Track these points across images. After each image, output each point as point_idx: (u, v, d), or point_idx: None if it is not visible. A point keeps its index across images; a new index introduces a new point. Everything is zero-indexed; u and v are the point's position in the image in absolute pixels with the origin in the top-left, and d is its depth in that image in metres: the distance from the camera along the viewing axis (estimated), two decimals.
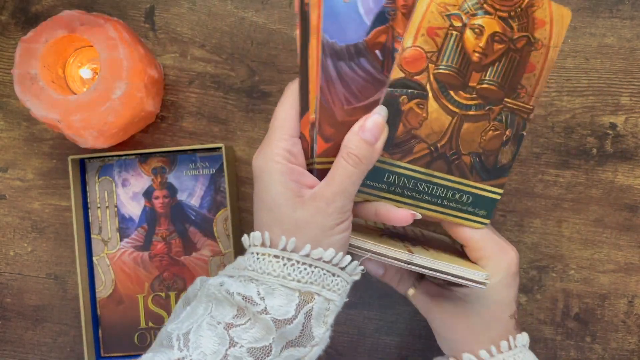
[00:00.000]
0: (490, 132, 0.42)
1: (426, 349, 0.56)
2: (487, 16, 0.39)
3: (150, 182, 0.57)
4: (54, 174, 0.58)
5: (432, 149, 0.41)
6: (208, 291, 0.38)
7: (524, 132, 0.42)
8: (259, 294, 0.37)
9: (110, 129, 0.50)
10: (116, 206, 0.57)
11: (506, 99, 0.41)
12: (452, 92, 0.40)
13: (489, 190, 0.43)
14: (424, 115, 0.40)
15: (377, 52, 0.39)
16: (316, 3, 0.37)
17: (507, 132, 0.42)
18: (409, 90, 0.39)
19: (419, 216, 0.41)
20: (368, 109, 0.39)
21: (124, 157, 0.57)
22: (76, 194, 0.55)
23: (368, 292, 0.56)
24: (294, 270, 0.37)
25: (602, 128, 0.54)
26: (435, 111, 0.40)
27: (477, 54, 0.40)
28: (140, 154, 0.56)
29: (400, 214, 0.40)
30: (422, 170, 0.41)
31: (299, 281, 0.37)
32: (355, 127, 0.38)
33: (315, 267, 0.38)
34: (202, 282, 0.41)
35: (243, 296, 0.37)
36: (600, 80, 0.53)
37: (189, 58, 0.56)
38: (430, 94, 0.40)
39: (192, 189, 0.56)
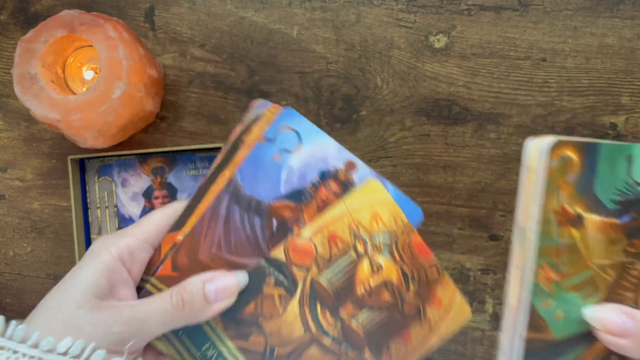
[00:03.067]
0: None
1: None
2: (390, 259, 0.36)
3: (150, 182, 0.56)
4: (54, 174, 0.58)
5: (267, 350, 0.35)
6: None
7: None
8: None
9: (110, 129, 0.50)
10: (116, 206, 0.57)
11: (367, 356, 0.36)
12: (319, 307, 0.36)
13: None
14: (280, 310, 0.35)
15: (275, 221, 0.36)
16: (248, 143, 0.36)
17: None
18: (280, 277, 0.35)
19: None
20: (232, 266, 0.35)
21: (123, 157, 0.57)
22: (76, 194, 0.55)
23: None
24: None
25: (603, 128, 0.54)
26: (292, 314, 0.35)
27: (363, 288, 0.36)
28: (140, 154, 0.56)
29: None
30: None
31: None
32: (208, 274, 0.34)
33: None
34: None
35: None
36: (601, 80, 0.53)
37: (188, 58, 0.56)
38: (297, 295, 0.35)
39: (191, 189, 0.56)
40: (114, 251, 0.33)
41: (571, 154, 0.33)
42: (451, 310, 0.37)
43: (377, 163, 0.55)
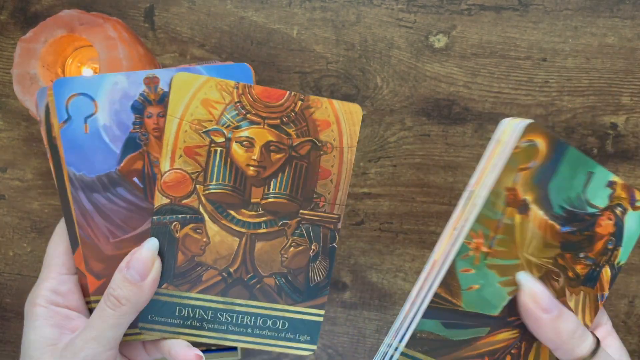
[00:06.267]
0: (292, 248, 0.37)
1: None
2: (254, 126, 0.35)
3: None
4: None
5: (225, 274, 0.36)
6: None
7: (334, 244, 0.37)
8: None
9: None
10: None
11: (302, 211, 0.36)
12: (232, 212, 0.36)
13: (307, 313, 0.38)
14: (205, 239, 0.36)
15: (136, 179, 0.36)
16: (58, 136, 0.35)
17: (313, 247, 0.37)
18: (180, 216, 0.35)
19: (203, 358, 0.36)
20: (139, 239, 0.36)
21: None
22: None
23: (368, 293, 0.56)
24: None
25: (603, 128, 0.54)
26: (217, 234, 0.36)
27: (252, 168, 0.35)
28: None
29: (186, 356, 0.36)
30: (219, 299, 0.37)
31: None
32: (122, 263, 0.34)
33: None
34: None
35: None
36: (601, 80, 0.53)
37: (188, 58, 0.56)
38: (206, 217, 0.36)
39: None
40: (40, 301, 0.35)
41: (541, 142, 0.33)
42: (340, 120, 0.35)
43: (377, 163, 0.55)
